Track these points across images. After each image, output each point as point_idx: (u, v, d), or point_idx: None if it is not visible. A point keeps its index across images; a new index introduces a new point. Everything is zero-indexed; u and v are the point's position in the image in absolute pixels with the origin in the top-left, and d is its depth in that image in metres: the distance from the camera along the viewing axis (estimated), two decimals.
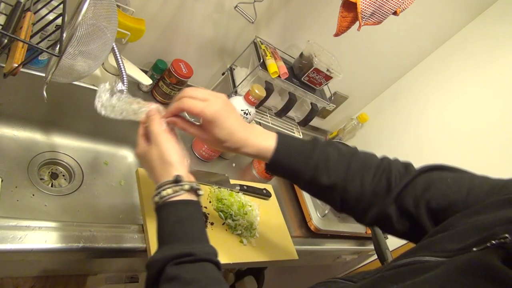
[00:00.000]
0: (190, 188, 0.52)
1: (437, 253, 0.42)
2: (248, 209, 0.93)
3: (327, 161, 0.61)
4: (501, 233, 0.38)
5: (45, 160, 0.93)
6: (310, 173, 0.61)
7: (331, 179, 0.61)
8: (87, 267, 0.80)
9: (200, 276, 0.46)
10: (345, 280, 0.52)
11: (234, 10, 0.96)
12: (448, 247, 0.43)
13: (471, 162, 1.25)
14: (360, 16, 0.81)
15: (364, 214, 0.62)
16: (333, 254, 1.31)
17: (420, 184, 0.58)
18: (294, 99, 1.11)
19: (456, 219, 0.48)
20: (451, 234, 0.45)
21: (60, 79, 0.62)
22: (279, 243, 0.95)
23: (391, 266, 0.45)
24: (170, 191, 0.51)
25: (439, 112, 1.41)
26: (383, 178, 0.61)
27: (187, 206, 0.52)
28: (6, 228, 0.57)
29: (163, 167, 0.54)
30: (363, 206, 0.61)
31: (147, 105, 0.60)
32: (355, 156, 0.63)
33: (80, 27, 0.53)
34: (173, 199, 0.52)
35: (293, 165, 0.62)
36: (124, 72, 0.75)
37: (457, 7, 1.30)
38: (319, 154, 0.61)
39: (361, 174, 0.61)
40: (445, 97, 1.40)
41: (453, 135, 1.34)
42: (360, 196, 0.61)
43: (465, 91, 1.35)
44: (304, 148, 0.62)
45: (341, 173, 0.61)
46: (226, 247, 0.82)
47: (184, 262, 0.46)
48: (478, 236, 0.41)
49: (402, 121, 1.53)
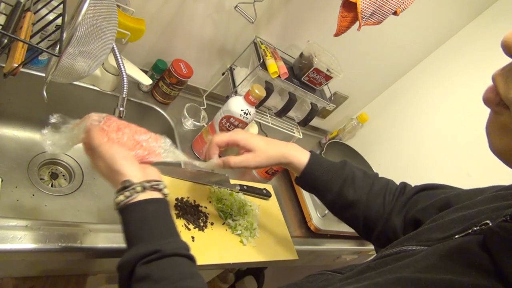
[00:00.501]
0: (142, 189, 0.51)
1: (422, 242, 0.43)
2: (248, 209, 0.93)
3: (354, 178, 0.69)
4: (483, 220, 0.39)
5: (45, 160, 0.93)
6: (338, 185, 0.68)
7: (356, 194, 0.67)
8: (87, 267, 0.79)
9: (170, 272, 0.45)
10: (333, 272, 0.53)
11: (234, 10, 0.96)
12: (432, 236, 0.44)
13: (471, 162, 1.25)
14: (360, 16, 0.81)
15: (381, 233, 0.66)
16: (333, 254, 1.30)
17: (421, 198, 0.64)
18: (294, 99, 1.11)
19: (445, 213, 0.50)
20: (437, 224, 0.47)
21: (60, 79, 0.62)
22: (279, 243, 0.95)
23: (378, 256, 0.46)
24: (122, 197, 0.51)
25: (439, 112, 1.41)
26: (399, 199, 0.67)
27: (148, 205, 0.51)
28: (6, 228, 0.57)
29: (111, 176, 0.54)
30: (381, 225, 0.66)
31: (83, 122, 0.58)
32: (378, 178, 0.71)
33: (80, 27, 0.53)
34: (132, 201, 0.51)
35: (324, 177, 0.69)
36: (124, 72, 0.75)
37: (457, 7, 1.30)
38: (348, 171, 0.70)
39: (383, 194, 0.68)
40: (445, 97, 1.41)
41: (453, 135, 1.34)
42: (380, 216, 0.67)
43: (465, 91, 1.35)
44: (334, 165, 0.71)
45: (365, 190, 0.68)
46: (226, 247, 0.82)
47: (152, 260, 0.46)
48: (461, 226, 0.42)
49: (402, 121, 1.53)
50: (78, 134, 0.57)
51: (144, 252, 0.46)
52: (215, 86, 1.21)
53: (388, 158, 1.53)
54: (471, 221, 0.42)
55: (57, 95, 0.92)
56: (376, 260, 0.44)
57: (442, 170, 1.33)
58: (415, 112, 1.49)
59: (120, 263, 0.47)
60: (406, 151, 1.48)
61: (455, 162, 1.30)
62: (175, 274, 0.45)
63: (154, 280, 0.44)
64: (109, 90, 0.98)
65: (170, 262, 0.47)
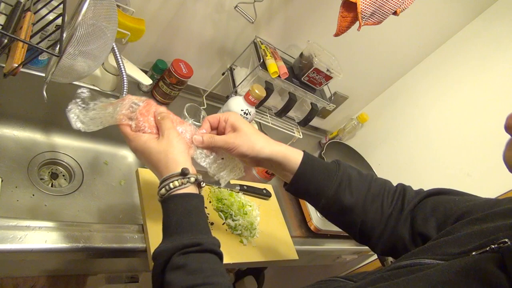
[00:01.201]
0: (195, 181, 0.54)
1: (438, 256, 0.43)
2: (248, 209, 0.93)
3: (350, 180, 0.64)
4: (502, 238, 0.38)
5: (45, 160, 0.93)
6: (334, 189, 0.63)
7: (353, 198, 0.63)
8: (87, 267, 0.79)
9: (205, 266, 0.47)
10: (345, 279, 0.52)
11: (234, 10, 0.96)
12: (448, 250, 0.43)
13: (471, 162, 1.25)
14: (360, 16, 0.81)
15: (380, 238, 0.63)
16: (333, 254, 1.30)
17: (429, 204, 0.60)
18: (294, 99, 1.11)
19: (460, 225, 0.49)
20: (453, 238, 0.45)
21: (60, 79, 0.62)
22: (279, 243, 0.95)
23: (392, 267, 0.45)
24: (177, 183, 0.52)
25: (439, 111, 1.41)
26: (399, 202, 0.63)
27: (193, 199, 0.53)
28: (6, 228, 0.57)
29: (169, 161, 0.54)
30: (380, 229, 0.63)
31: (120, 102, 0.58)
32: (375, 180, 0.66)
33: (80, 27, 0.53)
34: (179, 191, 0.52)
35: (318, 180, 0.63)
36: (124, 72, 0.75)
37: (457, 7, 1.30)
38: (343, 173, 0.64)
39: (381, 196, 0.64)
40: (445, 97, 1.40)
41: (453, 134, 1.33)
42: (379, 220, 0.63)
43: (465, 91, 1.35)
44: (328, 166, 0.65)
45: (362, 194, 0.63)
46: (226, 247, 0.82)
47: (191, 252, 0.47)
48: (479, 241, 0.41)
49: (402, 121, 1.53)
50: (113, 115, 0.57)
51: (187, 242, 0.48)
52: (215, 86, 1.21)
53: (388, 158, 1.53)
54: (488, 237, 0.41)
55: (57, 95, 0.92)
56: (390, 271, 0.44)
57: (442, 170, 1.33)
58: (415, 112, 1.49)
59: (159, 251, 0.49)
60: (406, 151, 1.48)
61: (455, 162, 1.30)
62: (209, 269, 0.47)
63: (190, 270, 0.46)
64: (109, 90, 0.98)
65: (207, 257, 0.48)
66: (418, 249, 0.47)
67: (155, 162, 0.56)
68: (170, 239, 0.50)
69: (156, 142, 0.56)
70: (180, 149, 0.56)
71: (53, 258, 0.67)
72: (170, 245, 0.48)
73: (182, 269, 0.46)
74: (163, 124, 0.58)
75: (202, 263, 0.47)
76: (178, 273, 0.46)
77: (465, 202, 0.56)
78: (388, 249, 0.63)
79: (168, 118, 0.59)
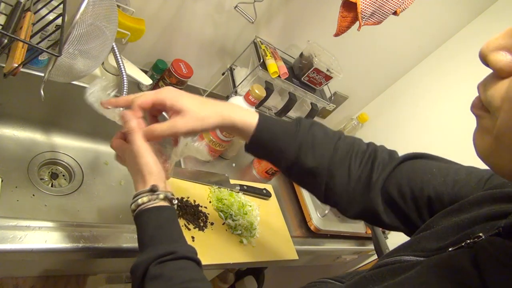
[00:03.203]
0: (164, 197, 0.54)
1: (417, 253, 0.42)
2: (248, 209, 0.93)
3: (313, 141, 0.58)
4: (477, 232, 0.38)
5: (45, 160, 0.93)
6: (294, 151, 0.57)
7: (316, 161, 0.57)
8: (87, 267, 0.79)
9: (181, 272, 0.48)
10: (334, 280, 0.52)
11: (234, 10, 0.96)
12: (427, 246, 0.42)
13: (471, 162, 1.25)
14: (360, 16, 0.81)
15: (349, 205, 0.59)
16: (333, 254, 1.30)
17: (404, 172, 0.57)
18: (294, 99, 1.11)
19: (438, 217, 0.48)
20: (431, 233, 0.45)
21: (59, 79, 0.62)
22: (279, 243, 0.95)
23: (375, 266, 0.45)
24: (146, 199, 0.53)
25: (439, 112, 1.41)
26: (368, 164, 0.59)
27: (164, 212, 0.54)
28: (6, 228, 0.57)
29: (141, 176, 0.55)
30: (349, 195, 0.58)
31: None
32: (342, 140, 0.60)
33: (78, 25, 0.53)
34: (149, 206, 0.53)
35: (276, 143, 0.58)
36: (124, 72, 0.75)
37: (458, 6, 1.30)
38: (305, 133, 0.58)
39: (348, 159, 0.59)
40: (444, 97, 1.40)
41: (453, 134, 1.33)
42: (346, 185, 0.58)
43: (465, 91, 1.35)
44: (288, 126, 0.59)
45: (327, 156, 0.58)
46: (226, 247, 0.82)
47: (166, 261, 0.48)
48: (456, 236, 0.41)
49: (402, 121, 1.53)
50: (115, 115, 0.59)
51: (161, 253, 0.48)
52: (215, 86, 1.21)
53: None
54: (465, 231, 0.41)
55: (57, 95, 0.92)
56: (372, 270, 0.44)
57: None
58: (415, 112, 1.49)
59: (136, 264, 0.49)
60: (406, 151, 1.47)
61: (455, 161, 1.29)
62: (186, 274, 0.48)
63: (167, 278, 0.46)
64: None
65: (182, 263, 0.49)
66: (399, 246, 0.47)
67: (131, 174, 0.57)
68: (146, 251, 0.50)
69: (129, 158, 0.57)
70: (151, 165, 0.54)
71: (53, 258, 0.67)
72: (146, 257, 0.49)
73: (160, 278, 0.47)
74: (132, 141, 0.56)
75: (178, 270, 0.48)
76: (156, 282, 0.46)
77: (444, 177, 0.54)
78: (359, 215, 0.59)
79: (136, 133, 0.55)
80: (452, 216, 0.46)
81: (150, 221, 0.53)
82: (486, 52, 0.32)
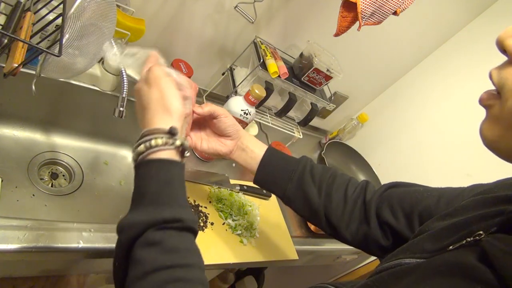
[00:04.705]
0: (180, 145, 0.47)
1: (416, 255, 0.43)
2: (248, 209, 0.93)
3: (312, 168, 0.68)
4: (476, 230, 0.38)
5: (45, 160, 0.93)
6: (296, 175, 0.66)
7: (315, 185, 0.66)
8: (87, 267, 0.79)
9: (182, 245, 0.42)
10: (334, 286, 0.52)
11: (234, 10, 0.96)
12: (426, 247, 0.43)
13: (471, 162, 1.25)
14: (360, 16, 0.81)
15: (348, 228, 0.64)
16: (333, 254, 1.30)
17: (393, 195, 0.63)
18: (294, 99, 1.11)
19: (432, 222, 0.49)
20: (429, 235, 0.45)
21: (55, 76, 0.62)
22: (279, 243, 0.95)
23: (375, 271, 0.45)
24: (161, 141, 0.45)
25: (439, 112, 1.41)
26: (362, 191, 0.66)
27: (175, 167, 0.46)
28: (6, 228, 0.57)
29: (159, 112, 0.48)
30: (346, 218, 0.64)
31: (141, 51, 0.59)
32: (338, 172, 0.69)
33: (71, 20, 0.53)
34: (161, 155, 0.45)
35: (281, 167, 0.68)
36: (124, 72, 0.75)
37: (457, 7, 1.30)
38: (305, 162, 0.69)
39: (345, 186, 0.66)
40: (445, 97, 1.40)
41: (453, 134, 1.34)
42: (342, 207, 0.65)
43: (465, 91, 1.35)
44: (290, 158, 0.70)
45: (325, 180, 0.66)
46: (226, 247, 0.82)
47: (169, 228, 0.42)
48: (454, 236, 0.41)
49: (402, 121, 1.53)
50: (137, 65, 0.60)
51: (167, 217, 0.42)
52: (215, 86, 1.21)
53: (388, 158, 1.53)
54: (462, 231, 0.41)
55: (57, 94, 0.92)
56: (373, 276, 0.43)
57: (442, 170, 1.33)
58: (415, 112, 1.49)
59: (130, 222, 0.42)
60: (406, 151, 1.48)
61: (455, 161, 1.30)
62: (186, 249, 0.42)
63: (166, 248, 0.40)
64: (109, 90, 0.98)
65: (185, 235, 0.43)
66: (397, 250, 0.47)
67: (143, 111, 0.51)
68: (145, 210, 0.43)
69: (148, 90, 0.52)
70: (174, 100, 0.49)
71: (53, 258, 0.67)
72: (145, 218, 0.41)
73: (157, 246, 0.40)
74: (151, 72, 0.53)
75: (180, 242, 0.42)
76: (152, 250, 0.40)
77: (430, 192, 0.59)
78: (359, 241, 0.65)
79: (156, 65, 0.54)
80: (445, 220, 0.47)
81: (160, 174, 0.44)
82: (503, 37, 0.34)
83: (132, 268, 0.40)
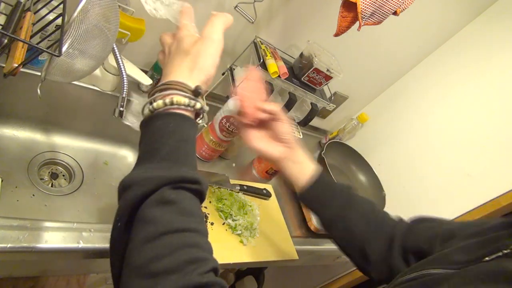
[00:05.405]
0: (200, 109, 0.44)
1: (445, 265, 0.42)
2: (248, 209, 0.93)
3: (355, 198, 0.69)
4: (509, 244, 0.39)
5: (45, 160, 0.93)
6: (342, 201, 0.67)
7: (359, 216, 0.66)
8: (87, 267, 0.79)
9: (196, 210, 0.39)
10: None
11: (234, 10, 0.96)
12: (457, 259, 0.43)
13: (471, 162, 1.25)
14: (360, 16, 0.81)
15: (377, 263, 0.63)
16: (333, 254, 1.30)
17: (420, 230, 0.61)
18: (294, 99, 1.11)
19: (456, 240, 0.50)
20: (455, 249, 0.46)
21: (59, 79, 0.62)
22: (279, 243, 0.95)
23: (399, 282, 0.45)
24: (184, 100, 0.42)
25: (439, 111, 1.41)
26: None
27: (193, 128, 0.43)
28: (6, 228, 0.57)
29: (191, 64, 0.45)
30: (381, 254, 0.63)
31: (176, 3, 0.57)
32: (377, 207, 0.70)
33: (75, 24, 0.53)
34: (183, 112, 0.42)
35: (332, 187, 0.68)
36: (124, 72, 0.75)
37: (458, 7, 1.30)
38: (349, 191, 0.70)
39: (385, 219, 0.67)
40: (445, 97, 1.40)
41: (453, 134, 1.33)
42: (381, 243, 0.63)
43: (465, 91, 1.35)
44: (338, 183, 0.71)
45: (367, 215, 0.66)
46: (226, 247, 0.82)
47: (186, 189, 0.39)
48: (486, 248, 0.42)
49: (402, 121, 1.53)
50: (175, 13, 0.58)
51: (187, 176, 0.39)
52: (215, 86, 1.21)
53: (388, 158, 1.53)
54: (496, 244, 0.41)
55: (57, 95, 0.92)
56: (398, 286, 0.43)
57: (442, 170, 1.33)
58: (415, 112, 1.49)
59: (144, 176, 0.37)
60: (406, 151, 1.48)
61: (455, 162, 1.30)
62: (199, 215, 0.40)
63: (182, 210, 0.37)
64: (109, 90, 0.98)
65: (197, 201, 0.41)
66: (421, 262, 0.47)
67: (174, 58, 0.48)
68: (161, 164, 0.39)
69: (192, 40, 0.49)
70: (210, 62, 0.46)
71: (53, 258, 0.67)
72: (162, 173, 0.37)
73: (173, 206, 0.36)
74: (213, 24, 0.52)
75: (193, 205, 0.39)
76: (167, 209, 0.36)
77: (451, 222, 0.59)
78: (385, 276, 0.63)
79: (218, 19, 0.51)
80: (471, 239, 0.47)
81: (179, 130, 0.41)
82: None
83: (141, 228, 0.36)
